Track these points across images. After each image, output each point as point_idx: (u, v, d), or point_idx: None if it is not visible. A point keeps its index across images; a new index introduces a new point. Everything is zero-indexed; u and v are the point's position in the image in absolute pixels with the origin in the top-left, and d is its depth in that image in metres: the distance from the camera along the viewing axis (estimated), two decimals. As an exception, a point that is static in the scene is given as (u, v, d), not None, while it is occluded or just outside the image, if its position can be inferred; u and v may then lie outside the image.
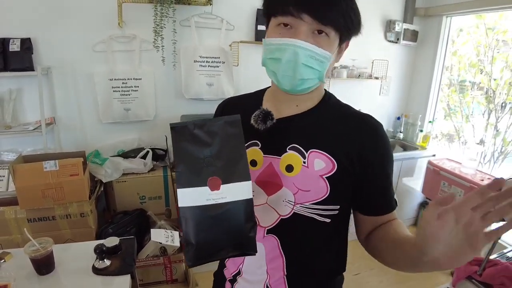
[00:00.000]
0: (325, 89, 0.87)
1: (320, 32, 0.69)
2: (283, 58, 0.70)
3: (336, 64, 2.95)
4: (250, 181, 0.63)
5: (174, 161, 0.63)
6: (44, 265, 1.21)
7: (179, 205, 0.61)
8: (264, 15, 0.78)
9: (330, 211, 0.77)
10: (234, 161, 0.63)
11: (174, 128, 0.64)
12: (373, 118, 0.82)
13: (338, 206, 0.78)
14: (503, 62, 2.93)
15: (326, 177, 0.75)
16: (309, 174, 0.76)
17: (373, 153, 0.77)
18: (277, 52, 0.72)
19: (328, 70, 0.76)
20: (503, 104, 2.96)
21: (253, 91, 0.96)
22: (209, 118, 0.65)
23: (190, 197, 0.61)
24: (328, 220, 0.78)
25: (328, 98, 0.85)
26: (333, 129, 0.79)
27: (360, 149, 0.76)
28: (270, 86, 0.90)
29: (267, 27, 0.77)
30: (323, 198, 0.76)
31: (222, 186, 0.61)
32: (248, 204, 0.62)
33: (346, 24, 0.70)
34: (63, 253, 1.34)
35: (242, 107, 0.85)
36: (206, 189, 0.61)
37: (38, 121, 2.11)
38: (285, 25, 0.71)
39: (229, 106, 0.97)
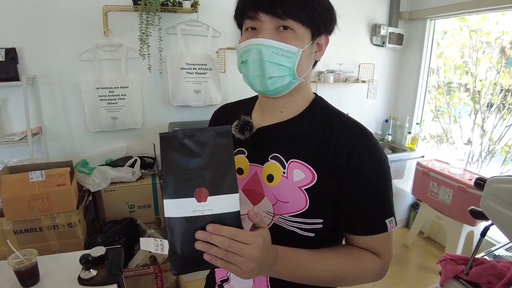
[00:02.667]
0: (315, 93, 0.84)
1: (285, 28, 0.68)
2: (249, 58, 0.70)
3: (323, 69, 2.98)
4: (238, 194, 0.61)
5: (162, 171, 0.62)
6: (28, 277, 1.19)
7: (165, 215, 0.60)
8: (238, 26, 0.79)
9: (312, 225, 0.74)
10: (222, 173, 0.61)
11: (163, 137, 0.63)
12: (360, 125, 0.76)
13: (321, 220, 0.74)
14: (488, 63, 2.97)
15: (305, 189, 0.72)
16: (288, 185, 0.74)
17: (356, 163, 0.70)
18: (244, 54, 0.72)
19: (303, 66, 0.73)
20: (489, 104, 3.00)
21: (249, 97, 0.94)
22: (199, 128, 0.63)
23: (176, 208, 0.60)
24: (312, 235, 0.74)
25: (316, 103, 0.81)
26: (317, 138, 0.74)
27: (342, 159, 0.71)
28: None
29: None
30: (303, 210, 0.72)
31: (209, 198, 0.60)
32: (235, 216, 0.61)
33: (311, 16, 0.68)
34: (49, 264, 1.32)
35: (234, 114, 0.84)
36: (192, 200, 0.60)
37: (24, 131, 2.09)
38: (253, 29, 0.71)
39: (222, 113, 0.96)
